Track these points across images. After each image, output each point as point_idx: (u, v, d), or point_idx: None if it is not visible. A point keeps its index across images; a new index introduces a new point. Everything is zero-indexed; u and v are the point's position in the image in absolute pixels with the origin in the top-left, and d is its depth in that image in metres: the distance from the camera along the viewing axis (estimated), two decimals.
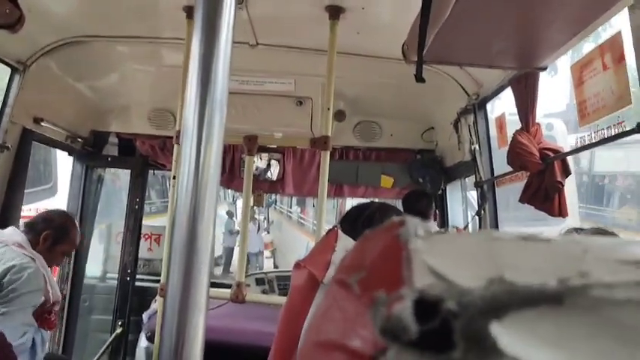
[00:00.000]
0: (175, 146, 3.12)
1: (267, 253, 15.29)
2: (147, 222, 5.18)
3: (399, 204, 4.07)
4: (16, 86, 3.11)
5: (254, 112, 3.78)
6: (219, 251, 13.25)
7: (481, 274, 0.26)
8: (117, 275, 4.35)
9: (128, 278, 4.27)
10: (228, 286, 3.10)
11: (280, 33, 3.18)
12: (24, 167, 3.30)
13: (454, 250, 0.28)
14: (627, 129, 2.03)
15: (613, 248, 0.28)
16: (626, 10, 1.87)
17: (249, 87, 3.72)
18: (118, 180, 5.60)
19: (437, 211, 4.07)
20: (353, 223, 1.54)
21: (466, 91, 3.40)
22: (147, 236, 5.15)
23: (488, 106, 3.44)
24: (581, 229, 2.02)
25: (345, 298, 0.29)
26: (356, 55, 3.30)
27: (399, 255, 0.28)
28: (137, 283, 4.36)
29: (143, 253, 4.81)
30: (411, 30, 2.03)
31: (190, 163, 0.77)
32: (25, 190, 3.41)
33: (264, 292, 4.33)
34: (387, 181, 4.32)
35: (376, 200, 3.72)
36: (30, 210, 4.72)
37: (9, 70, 3.10)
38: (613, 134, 2.14)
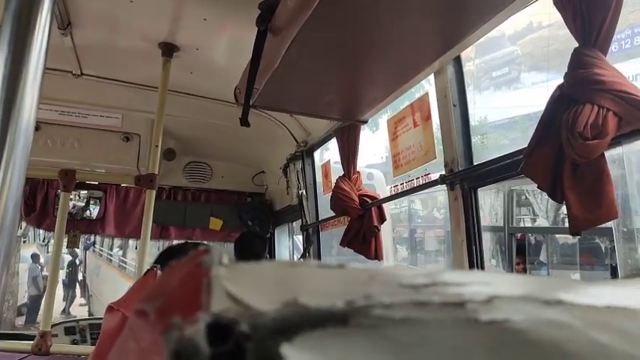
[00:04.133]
0: None
1: (82, 300, 14.02)
2: None
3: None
4: None
5: (74, 145, 3.50)
6: (24, 299, 11.82)
7: (277, 298, 0.27)
8: None
9: None
10: (32, 338, 2.76)
11: (109, 65, 3.04)
12: None
13: (254, 277, 0.29)
14: (432, 180, 2.27)
15: (395, 275, 0.31)
16: (433, 74, 2.14)
17: (70, 119, 3.45)
18: None
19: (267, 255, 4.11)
20: (167, 262, 1.49)
21: (295, 139, 3.54)
22: None
23: (316, 153, 3.63)
24: None
25: (141, 328, 0.28)
26: (188, 94, 3.28)
27: (200, 281, 0.28)
28: None
29: None
30: (243, 74, 2.08)
31: None
32: None
33: (74, 342, 3.92)
34: (216, 223, 4.28)
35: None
36: None
37: None
38: (421, 184, 2.38)
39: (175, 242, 4.05)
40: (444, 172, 2.11)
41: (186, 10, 2.34)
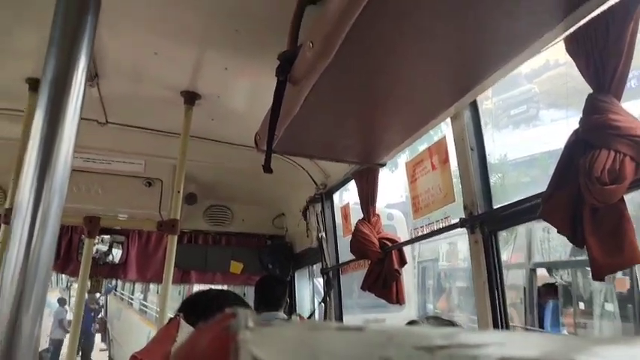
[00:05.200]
0: (3, 226, 2.73)
1: (102, 345, 14.00)
2: None
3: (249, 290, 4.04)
4: None
5: (98, 191, 3.58)
6: (45, 344, 11.83)
7: None
8: None
9: None
10: None
11: (132, 113, 3.13)
12: None
13: (278, 340, 0.31)
14: (452, 223, 2.27)
15: (413, 336, 0.32)
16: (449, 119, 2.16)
17: (94, 165, 3.55)
18: None
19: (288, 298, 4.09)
20: (191, 311, 1.52)
21: (315, 181, 3.57)
22: None
23: (335, 196, 3.64)
24: (427, 318, 2.15)
25: None
26: (210, 140, 3.35)
27: (228, 346, 0.29)
28: None
29: None
30: (264, 120, 2.13)
31: (21, 247, 0.70)
32: None
33: None
34: (236, 266, 4.29)
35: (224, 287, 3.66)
36: None
37: None
38: (441, 227, 2.38)
39: (197, 287, 4.06)
40: (463, 216, 2.11)
41: (207, 60, 2.42)
